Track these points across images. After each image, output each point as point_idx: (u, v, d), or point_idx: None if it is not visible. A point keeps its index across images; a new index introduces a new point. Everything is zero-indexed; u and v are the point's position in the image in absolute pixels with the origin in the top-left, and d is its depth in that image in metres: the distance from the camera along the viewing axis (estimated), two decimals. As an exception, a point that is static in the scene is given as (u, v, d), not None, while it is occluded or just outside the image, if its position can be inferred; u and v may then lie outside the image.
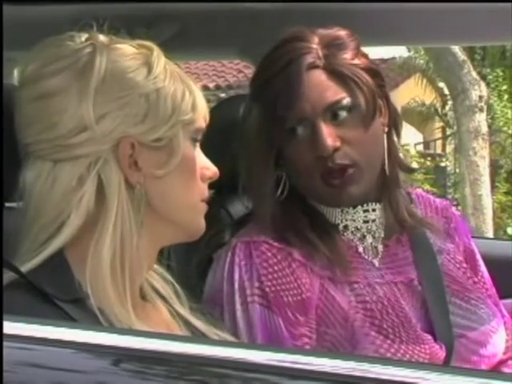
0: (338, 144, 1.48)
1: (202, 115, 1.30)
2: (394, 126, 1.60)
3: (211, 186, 1.33)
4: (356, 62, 1.53)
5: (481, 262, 1.73)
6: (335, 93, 1.50)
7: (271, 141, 1.52)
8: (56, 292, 1.15)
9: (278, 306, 1.46)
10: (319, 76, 1.50)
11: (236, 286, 1.47)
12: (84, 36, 1.27)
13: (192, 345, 0.98)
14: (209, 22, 1.87)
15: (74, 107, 1.21)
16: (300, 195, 1.57)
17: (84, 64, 1.23)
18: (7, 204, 1.43)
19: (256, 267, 1.47)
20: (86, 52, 1.24)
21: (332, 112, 1.50)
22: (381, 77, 1.58)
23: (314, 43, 1.52)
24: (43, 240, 1.21)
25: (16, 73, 2.42)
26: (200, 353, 0.95)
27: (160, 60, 1.27)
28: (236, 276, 1.47)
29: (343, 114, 1.50)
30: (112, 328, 1.13)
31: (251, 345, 1.37)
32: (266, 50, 1.57)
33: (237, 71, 12.69)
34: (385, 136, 1.57)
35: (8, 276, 1.16)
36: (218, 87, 12.38)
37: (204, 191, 1.31)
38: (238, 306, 1.46)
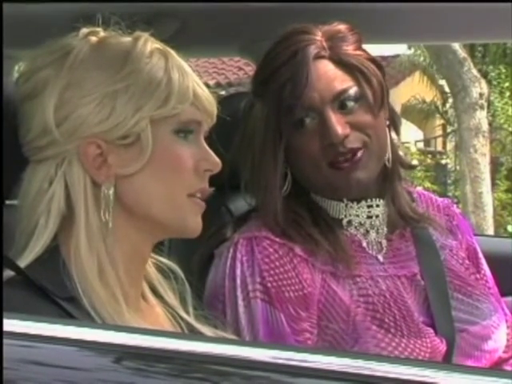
0: (347, 131, 1.49)
1: (187, 104, 1.25)
2: (392, 122, 1.61)
3: (212, 183, 1.32)
4: (360, 52, 1.54)
5: (483, 261, 1.73)
6: (342, 81, 1.51)
7: (279, 134, 1.52)
8: (53, 289, 1.16)
9: (279, 301, 1.46)
10: (326, 66, 1.52)
11: (238, 281, 1.47)
12: (77, 34, 1.27)
13: (193, 342, 0.98)
14: (209, 20, 1.87)
15: (40, 112, 1.21)
16: (303, 190, 1.57)
17: (62, 59, 1.23)
18: (10, 202, 1.43)
19: (258, 263, 1.47)
20: (67, 48, 1.24)
21: (340, 101, 1.51)
22: (383, 69, 1.59)
23: (318, 35, 1.53)
24: (22, 246, 1.21)
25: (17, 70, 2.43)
26: (201, 350, 0.95)
27: (142, 50, 1.24)
28: (238, 271, 1.48)
29: (351, 103, 1.51)
30: (113, 326, 1.13)
31: (252, 342, 1.37)
32: (266, 47, 1.57)
33: (237, 69, 12.69)
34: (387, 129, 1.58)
35: (6, 273, 1.16)
36: (218, 85, 12.37)
37: (194, 185, 1.27)
38: (240, 302, 1.46)
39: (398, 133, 1.64)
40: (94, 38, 1.26)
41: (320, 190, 1.57)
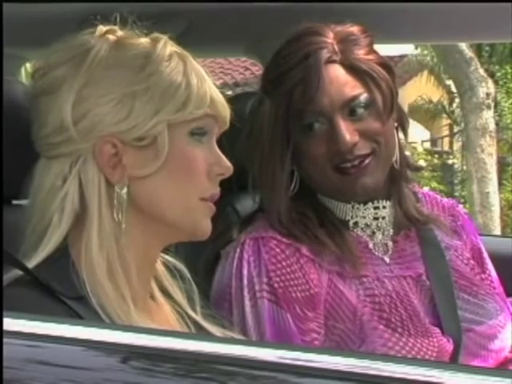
0: (356, 138, 1.49)
1: (204, 110, 1.25)
2: (400, 123, 1.61)
3: (219, 183, 1.32)
4: (371, 57, 1.53)
5: (488, 261, 1.73)
6: (353, 88, 1.50)
7: (287, 136, 1.52)
8: (61, 289, 1.16)
9: (286, 301, 1.46)
10: (336, 71, 1.51)
11: (245, 281, 1.47)
12: (94, 31, 1.27)
13: (199, 342, 0.98)
14: (215, 20, 1.88)
15: (57, 108, 1.21)
16: (310, 191, 1.57)
17: (81, 56, 1.23)
18: (17, 202, 1.44)
19: (265, 263, 1.48)
20: (87, 45, 1.24)
21: (350, 108, 1.50)
22: (394, 73, 1.58)
23: (330, 38, 1.52)
24: (34, 243, 1.21)
25: (23, 70, 2.43)
26: (207, 350, 0.95)
27: (162, 53, 1.24)
28: (245, 272, 1.48)
29: (361, 110, 1.50)
30: (120, 326, 1.14)
31: (259, 342, 1.37)
32: (272, 47, 1.57)
33: (243, 69, 12.69)
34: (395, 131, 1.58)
35: (13, 273, 1.16)
36: (224, 85, 12.37)
37: (207, 189, 1.27)
38: (247, 302, 1.46)
39: (405, 134, 1.63)
40: (112, 37, 1.26)
41: (326, 192, 1.57)
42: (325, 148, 1.50)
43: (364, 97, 1.50)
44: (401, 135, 1.63)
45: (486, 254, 1.74)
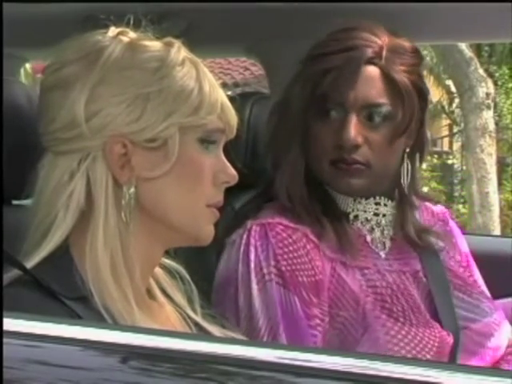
0: (359, 141, 1.51)
1: (215, 116, 1.26)
2: (419, 151, 1.61)
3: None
4: (411, 77, 1.54)
5: (475, 268, 1.73)
6: (380, 96, 1.52)
7: (306, 115, 1.54)
8: (61, 289, 1.16)
9: (293, 285, 1.48)
10: (373, 72, 1.53)
11: (252, 265, 1.49)
12: (105, 32, 1.27)
13: (198, 342, 0.98)
14: (215, 20, 1.88)
15: (70, 103, 1.21)
16: (317, 180, 1.58)
17: (95, 55, 1.23)
18: (16, 201, 1.44)
19: (272, 247, 1.49)
20: (100, 44, 1.24)
21: (369, 112, 1.52)
22: (426, 101, 1.59)
23: (382, 41, 1.54)
24: (38, 239, 1.21)
25: (23, 70, 2.44)
26: (206, 350, 0.95)
27: (175, 57, 1.25)
28: (252, 256, 1.49)
29: (378, 119, 1.52)
30: (119, 326, 1.14)
31: (258, 342, 1.37)
32: (272, 47, 1.57)
33: (243, 69, 12.69)
34: (405, 155, 1.58)
35: (13, 273, 1.16)
36: (224, 85, 12.35)
37: (213, 196, 1.28)
38: (255, 285, 1.47)
39: (421, 162, 1.65)
40: (125, 38, 1.26)
41: (323, 179, 1.58)
42: (331, 139, 1.52)
43: (386, 108, 1.52)
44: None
45: (472, 261, 1.74)
